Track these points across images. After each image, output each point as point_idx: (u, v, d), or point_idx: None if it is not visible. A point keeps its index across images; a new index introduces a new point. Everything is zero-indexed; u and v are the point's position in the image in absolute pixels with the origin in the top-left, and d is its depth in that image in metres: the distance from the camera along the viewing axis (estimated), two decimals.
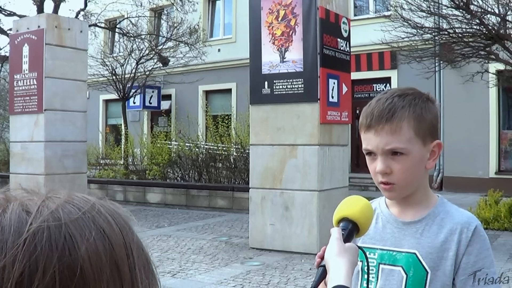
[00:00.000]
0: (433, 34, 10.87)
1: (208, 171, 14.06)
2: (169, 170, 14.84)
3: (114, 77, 18.21)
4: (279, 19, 7.92)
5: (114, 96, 19.34)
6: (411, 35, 10.86)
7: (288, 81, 7.86)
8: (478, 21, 9.52)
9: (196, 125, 17.58)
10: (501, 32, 9.43)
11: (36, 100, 9.76)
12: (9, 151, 12.15)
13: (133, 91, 18.97)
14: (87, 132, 10.53)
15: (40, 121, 9.72)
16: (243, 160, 13.33)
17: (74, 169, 10.04)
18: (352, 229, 1.25)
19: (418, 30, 10.62)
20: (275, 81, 7.95)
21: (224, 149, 14.03)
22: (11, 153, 10.43)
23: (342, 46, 8.19)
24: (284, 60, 7.88)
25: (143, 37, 18.31)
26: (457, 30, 10.20)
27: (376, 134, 1.41)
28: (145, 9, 18.75)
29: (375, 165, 1.42)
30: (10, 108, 10.44)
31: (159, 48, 18.77)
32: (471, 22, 9.78)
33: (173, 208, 12.77)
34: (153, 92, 21.41)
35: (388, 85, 16.53)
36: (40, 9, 16.02)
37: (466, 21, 9.88)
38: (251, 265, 7.00)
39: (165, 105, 21.84)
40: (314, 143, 7.67)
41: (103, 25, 19.54)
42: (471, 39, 10.16)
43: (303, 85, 7.76)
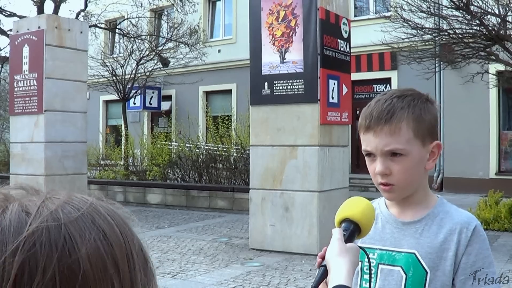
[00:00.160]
0: (433, 34, 10.87)
1: (208, 172, 14.06)
2: (169, 171, 14.83)
3: (114, 78, 18.21)
4: (279, 20, 7.92)
5: (114, 97, 19.35)
6: (411, 36, 10.86)
7: (288, 81, 7.86)
8: (478, 22, 9.52)
9: (196, 125, 17.59)
10: (501, 32, 9.43)
11: (36, 100, 9.76)
12: (9, 151, 12.15)
13: (133, 91, 18.97)
14: (87, 132, 10.52)
15: (40, 121, 9.72)
16: (243, 161, 13.33)
17: (74, 170, 10.04)
18: (353, 230, 1.25)
19: (418, 30, 10.62)
20: (275, 82, 7.94)
21: (224, 150, 14.03)
22: (11, 154, 10.43)
23: (342, 47, 8.19)
24: (284, 60, 7.88)
25: (143, 37, 18.31)
26: (457, 30, 10.21)
27: (375, 135, 1.41)
28: (145, 9, 18.74)
29: (374, 166, 1.42)
30: (10, 108, 10.44)
31: (159, 49, 18.77)
32: (471, 22, 9.78)
33: (173, 209, 12.77)
34: (153, 92, 21.42)
35: (388, 86, 16.53)
36: (40, 10, 16.02)
37: (466, 21, 9.88)
38: (251, 266, 6.99)
39: (165, 105, 21.85)
40: (314, 143, 7.67)
41: (103, 25, 19.55)
42: (471, 40, 10.15)
43: (303, 86, 7.76)
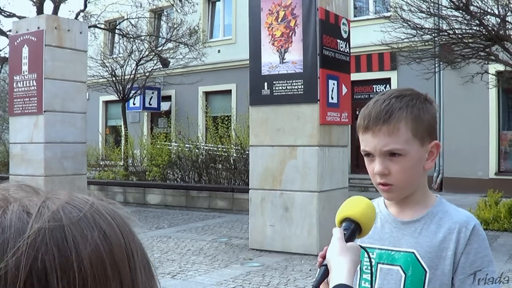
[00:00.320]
0: (433, 35, 10.86)
1: (208, 172, 14.06)
2: (169, 171, 14.83)
3: (114, 78, 18.20)
4: (279, 20, 7.92)
5: (113, 97, 19.33)
6: (411, 36, 10.86)
7: (287, 82, 7.85)
8: (477, 22, 9.52)
9: (196, 126, 17.59)
10: (501, 33, 9.43)
11: (35, 101, 9.76)
12: (8, 152, 12.14)
13: (133, 92, 18.95)
14: (86, 133, 10.53)
15: (39, 122, 9.72)
16: (243, 161, 13.33)
17: (74, 171, 10.04)
18: (354, 229, 1.24)
19: (418, 31, 10.62)
20: (274, 82, 7.94)
21: (224, 150, 14.03)
22: (11, 154, 10.43)
23: (341, 47, 8.19)
24: (283, 61, 7.88)
25: (142, 38, 18.30)
26: (456, 31, 10.20)
27: (373, 135, 1.41)
28: (145, 10, 18.73)
29: (373, 166, 1.42)
30: (9, 109, 10.44)
31: (159, 49, 18.76)
32: (470, 23, 9.78)
33: (173, 209, 12.76)
34: (153, 93, 21.41)
35: (388, 86, 16.52)
36: (39, 10, 16.00)
37: (465, 22, 9.87)
38: (251, 266, 6.99)
39: (165, 106, 21.83)
40: (314, 144, 7.67)
41: (102, 26, 19.52)
42: (470, 40, 10.15)
43: (302, 86, 7.76)
